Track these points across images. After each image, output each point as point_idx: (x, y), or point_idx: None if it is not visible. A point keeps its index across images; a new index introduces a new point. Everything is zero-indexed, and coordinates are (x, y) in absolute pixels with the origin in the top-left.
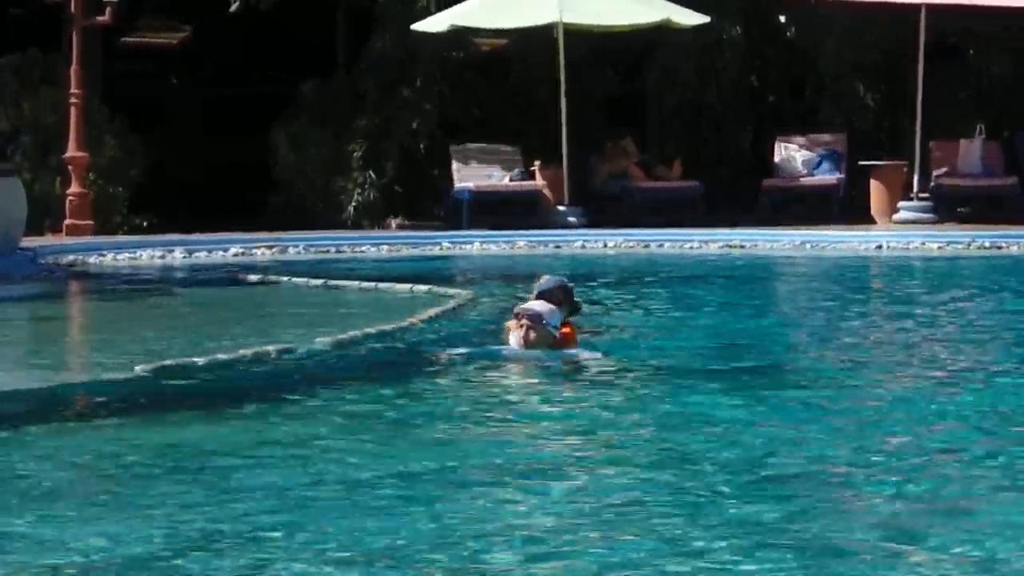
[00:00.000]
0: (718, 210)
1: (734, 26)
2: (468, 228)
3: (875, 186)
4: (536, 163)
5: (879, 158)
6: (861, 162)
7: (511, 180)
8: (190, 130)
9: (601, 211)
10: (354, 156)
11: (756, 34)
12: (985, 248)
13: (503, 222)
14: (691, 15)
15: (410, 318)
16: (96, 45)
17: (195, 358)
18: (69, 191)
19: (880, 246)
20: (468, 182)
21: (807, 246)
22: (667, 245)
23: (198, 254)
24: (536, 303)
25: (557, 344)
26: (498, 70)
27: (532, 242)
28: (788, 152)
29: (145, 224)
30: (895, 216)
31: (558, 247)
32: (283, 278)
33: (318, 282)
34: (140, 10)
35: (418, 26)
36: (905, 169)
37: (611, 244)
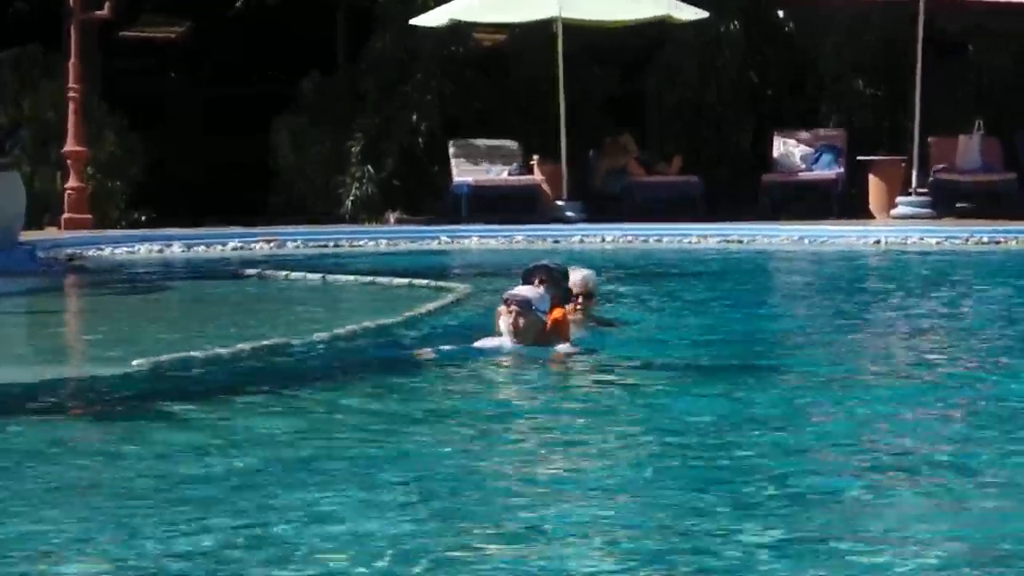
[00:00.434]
0: (718, 210)
1: (731, 21)
2: (467, 222)
3: (874, 181)
4: (535, 158)
5: (878, 154)
6: (860, 157)
7: (510, 175)
8: (190, 129)
9: (601, 211)
10: (353, 151)
11: (756, 34)
12: (983, 243)
13: (502, 217)
14: (690, 10)
15: (408, 312)
16: (95, 40)
17: (193, 352)
18: (68, 185)
19: (878, 241)
20: (467, 177)
21: (805, 241)
22: (665, 240)
23: (196, 248)
24: (524, 288)
25: (547, 330)
26: (498, 68)
27: (530, 237)
28: (787, 147)
29: (144, 219)
30: (893, 211)
31: (556, 242)
32: (280, 272)
33: (316, 277)
34: (140, 9)
35: (417, 20)
36: (904, 164)
37: (609, 239)
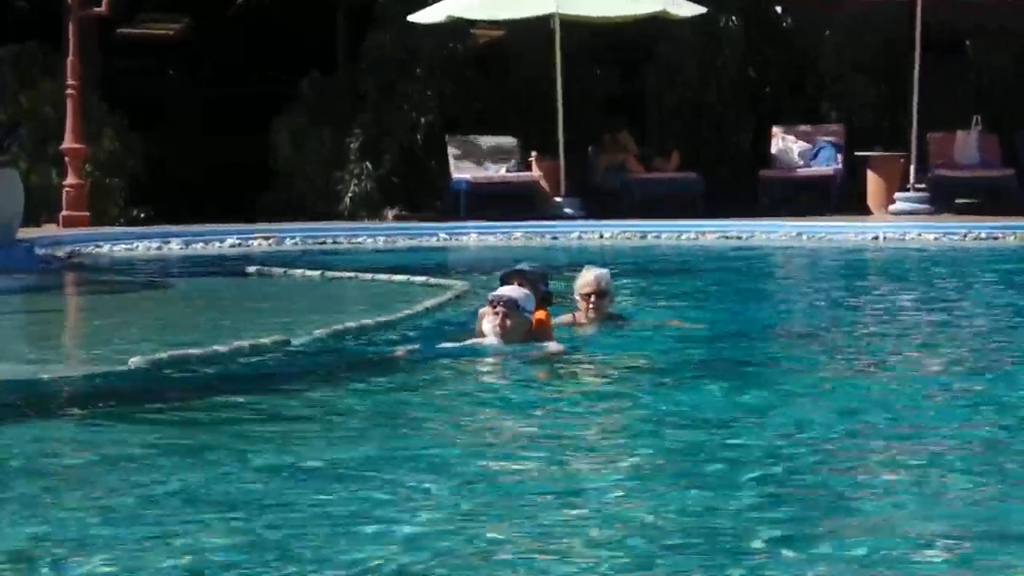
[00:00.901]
0: (718, 210)
1: (730, 17)
2: (465, 219)
3: (872, 177)
4: (533, 154)
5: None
6: (858, 153)
7: (508, 171)
8: (190, 129)
9: (600, 207)
10: (352, 148)
11: (756, 33)
12: (981, 239)
13: (500, 213)
14: (687, 6)
15: (406, 309)
16: (94, 39)
17: (191, 350)
18: (66, 182)
19: (877, 237)
20: (465, 173)
21: (803, 236)
22: (664, 236)
23: (195, 245)
24: (509, 289)
25: (532, 331)
26: (498, 67)
27: (529, 233)
28: (785, 143)
29: (142, 216)
30: (892, 207)
31: (555, 238)
32: (279, 269)
33: (315, 273)
34: (140, 8)
35: (415, 17)
36: (902, 160)
37: (608, 235)
